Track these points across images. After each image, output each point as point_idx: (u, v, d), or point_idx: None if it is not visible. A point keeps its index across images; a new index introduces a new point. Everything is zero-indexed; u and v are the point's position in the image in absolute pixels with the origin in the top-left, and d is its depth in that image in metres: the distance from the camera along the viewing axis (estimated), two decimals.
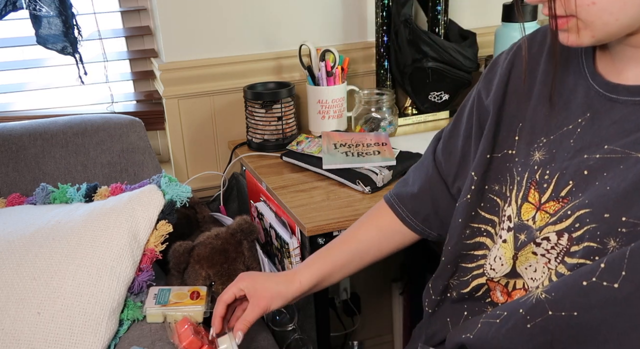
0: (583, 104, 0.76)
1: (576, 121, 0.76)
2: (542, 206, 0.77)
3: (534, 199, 0.79)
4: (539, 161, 0.79)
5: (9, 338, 1.07)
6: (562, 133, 0.78)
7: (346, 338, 1.92)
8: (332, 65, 1.53)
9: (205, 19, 1.52)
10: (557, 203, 0.76)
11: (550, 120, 0.80)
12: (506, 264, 0.82)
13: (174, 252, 1.21)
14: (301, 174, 1.38)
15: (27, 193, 1.33)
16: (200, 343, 0.96)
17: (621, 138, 0.70)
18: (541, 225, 0.77)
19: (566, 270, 0.73)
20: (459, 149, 0.94)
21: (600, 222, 0.69)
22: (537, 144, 0.80)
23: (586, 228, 0.71)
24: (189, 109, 1.57)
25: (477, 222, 0.88)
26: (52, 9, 1.29)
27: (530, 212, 0.79)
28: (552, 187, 0.76)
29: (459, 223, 0.89)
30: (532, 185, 0.79)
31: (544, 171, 0.78)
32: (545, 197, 0.77)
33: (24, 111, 1.56)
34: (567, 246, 0.73)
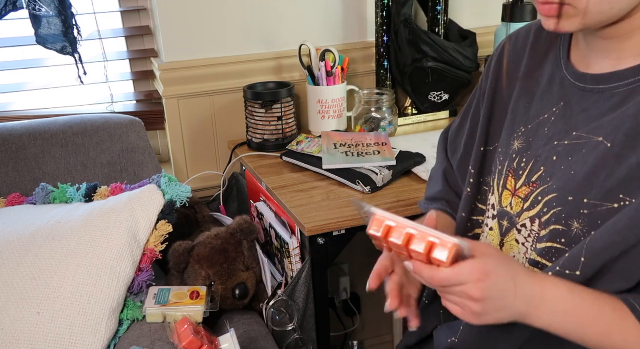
0: (558, 94, 0.79)
1: (551, 110, 0.80)
2: (516, 192, 0.81)
3: (511, 186, 0.82)
4: (517, 150, 0.82)
5: (9, 338, 1.07)
6: (538, 122, 0.81)
7: (346, 338, 1.92)
8: (332, 65, 1.53)
9: (205, 19, 1.52)
10: (527, 188, 0.79)
11: (529, 110, 0.83)
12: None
13: (174, 252, 1.21)
14: (301, 174, 1.38)
15: (27, 193, 1.33)
16: (200, 343, 0.96)
17: (587, 125, 0.74)
18: (518, 211, 0.80)
19: (536, 256, 0.77)
20: (462, 146, 0.98)
21: (565, 205, 0.73)
22: (517, 133, 0.84)
23: (552, 212, 0.74)
24: (189, 109, 1.57)
25: (475, 215, 0.92)
26: (52, 9, 1.29)
27: (508, 198, 0.82)
28: (526, 174, 0.80)
29: (462, 218, 0.92)
30: (510, 173, 0.83)
31: (521, 159, 0.81)
32: (520, 183, 0.81)
33: (24, 111, 1.56)
34: (538, 231, 0.77)
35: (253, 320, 1.22)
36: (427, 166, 1.34)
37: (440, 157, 1.06)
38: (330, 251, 1.21)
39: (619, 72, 0.71)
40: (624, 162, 0.68)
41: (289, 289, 1.22)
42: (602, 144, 0.71)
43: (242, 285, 1.22)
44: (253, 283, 1.25)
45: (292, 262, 1.24)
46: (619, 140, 0.69)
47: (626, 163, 0.68)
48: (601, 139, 0.71)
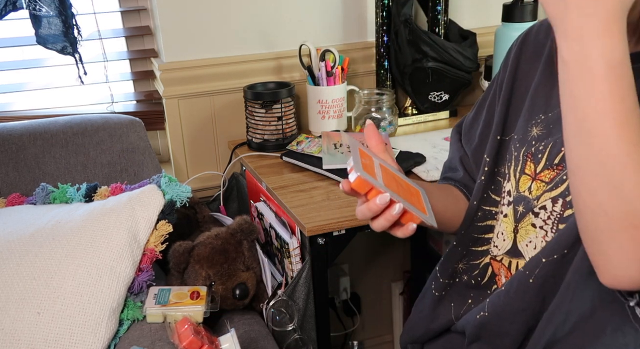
0: None
1: None
2: (537, 176, 0.80)
3: (530, 171, 0.81)
4: (537, 136, 0.81)
5: (9, 338, 1.07)
6: (560, 110, 0.78)
7: (346, 338, 1.92)
8: (332, 65, 1.53)
9: (205, 19, 1.52)
10: (552, 171, 0.78)
11: (550, 98, 0.82)
12: (508, 239, 0.84)
13: (174, 252, 1.21)
14: (301, 174, 1.38)
15: (27, 193, 1.33)
16: (200, 343, 0.96)
17: None
18: (538, 194, 0.79)
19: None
20: (477, 136, 0.97)
21: None
22: (535, 120, 0.83)
23: None
24: (189, 109, 1.57)
25: (487, 205, 0.91)
26: (52, 9, 1.29)
27: (526, 183, 0.82)
28: (545, 156, 0.79)
29: (473, 205, 0.92)
30: (528, 157, 0.82)
31: (540, 144, 0.80)
32: (540, 167, 0.80)
33: (24, 111, 1.56)
34: (560, 211, 0.75)
35: (253, 320, 1.22)
36: (427, 166, 1.34)
37: (455, 146, 1.03)
38: (330, 251, 1.21)
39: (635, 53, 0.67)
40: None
41: (289, 289, 1.22)
42: None
43: (242, 285, 1.22)
44: (253, 283, 1.25)
45: (292, 262, 1.24)
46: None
47: None
48: None
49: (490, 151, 0.91)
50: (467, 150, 1.00)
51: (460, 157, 1.01)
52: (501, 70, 0.94)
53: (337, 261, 1.81)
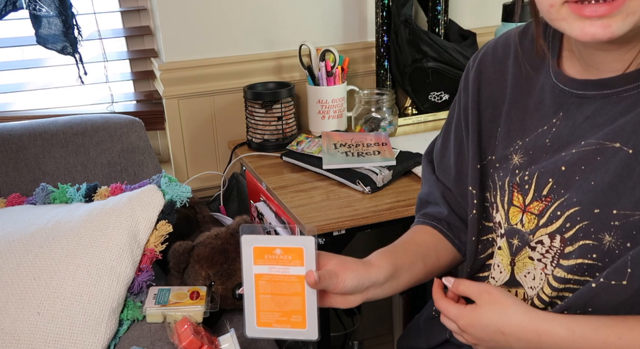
0: (554, 104, 0.76)
1: (550, 121, 0.76)
2: (527, 208, 0.77)
3: (519, 202, 0.78)
4: (519, 164, 0.79)
5: (9, 338, 1.07)
6: (537, 135, 0.78)
7: (346, 338, 1.92)
8: (332, 65, 1.53)
9: (205, 19, 1.52)
10: (540, 203, 0.76)
11: (524, 123, 0.80)
12: (505, 271, 0.82)
13: (174, 252, 1.21)
14: (301, 174, 1.38)
15: (27, 193, 1.33)
16: (200, 343, 0.96)
17: (596, 132, 0.70)
18: (532, 228, 0.77)
19: (564, 273, 0.73)
20: (452, 166, 0.92)
21: (592, 218, 0.69)
22: (514, 147, 0.80)
23: (578, 227, 0.71)
24: (189, 109, 1.57)
25: (484, 235, 0.88)
26: (52, 9, 1.29)
27: (517, 215, 0.79)
28: (533, 188, 0.76)
29: (472, 241, 0.88)
30: (514, 188, 0.79)
31: (524, 172, 0.78)
32: (528, 198, 0.77)
33: (24, 111, 1.56)
34: (560, 247, 0.73)
35: None
36: None
37: (432, 179, 0.96)
38: (330, 251, 1.21)
39: (627, 75, 0.68)
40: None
41: None
42: (621, 150, 0.67)
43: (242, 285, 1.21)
44: None
45: None
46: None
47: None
48: (618, 145, 0.67)
49: (473, 181, 0.85)
50: (447, 182, 0.94)
51: (442, 192, 0.94)
52: (461, 94, 0.90)
53: None
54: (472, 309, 0.76)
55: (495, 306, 0.74)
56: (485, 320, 0.74)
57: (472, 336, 0.76)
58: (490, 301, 0.74)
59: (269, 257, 0.79)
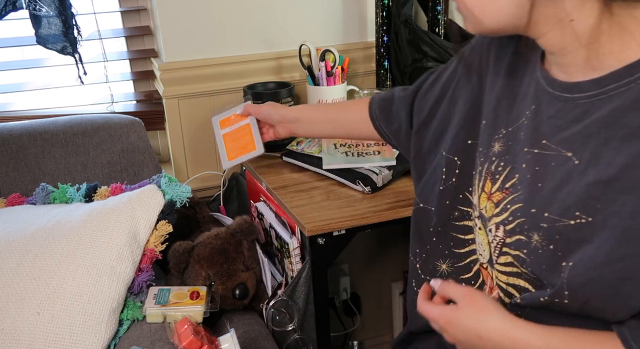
0: (532, 97, 0.78)
1: (526, 114, 0.78)
2: (491, 196, 0.80)
3: (488, 189, 0.81)
4: (497, 152, 0.81)
5: (9, 338, 1.07)
6: (518, 126, 0.80)
7: (346, 338, 1.92)
8: (332, 65, 1.53)
9: (205, 19, 1.52)
10: (501, 193, 0.79)
11: (510, 112, 0.82)
12: (486, 250, 0.85)
13: (174, 252, 1.21)
14: (301, 174, 1.38)
15: (27, 193, 1.33)
16: (200, 343, 0.96)
17: (555, 134, 0.72)
18: (489, 215, 0.80)
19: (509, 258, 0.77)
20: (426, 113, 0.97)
21: (528, 216, 0.73)
22: (498, 135, 0.82)
23: (517, 222, 0.74)
24: (189, 109, 1.57)
25: (465, 206, 0.90)
26: (52, 9, 1.29)
27: (484, 201, 0.82)
28: (502, 179, 0.79)
29: (446, 205, 0.91)
30: (488, 176, 0.82)
31: (499, 162, 0.80)
32: (495, 188, 0.80)
33: (24, 111, 1.56)
34: (503, 237, 0.77)
35: (253, 320, 1.22)
36: None
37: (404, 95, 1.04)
38: (330, 251, 1.21)
39: (580, 84, 0.70)
40: (584, 179, 0.67)
41: (289, 289, 1.22)
42: (570, 160, 0.70)
43: (242, 285, 1.22)
44: (253, 283, 1.25)
45: (292, 262, 1.24)
46: (585, 158, 0.68)
47: (585, 180, 0.67)
48: (570, 155, 0.70)
49: (461, 154, 0.89)
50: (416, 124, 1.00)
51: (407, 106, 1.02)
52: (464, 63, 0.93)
53: (337, 261, 1.81)
54: (452, 310, 0.78)
55: (474, 310, 0.76)
56: (463, 322, 0.76)
57: (451, 336, 0.77)
58: (471, 304, 0.77)
59: (228, 123, 1.28)
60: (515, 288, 0.78)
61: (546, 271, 0.71)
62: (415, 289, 0.98)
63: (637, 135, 0.63)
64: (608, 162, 0.65)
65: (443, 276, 0.94)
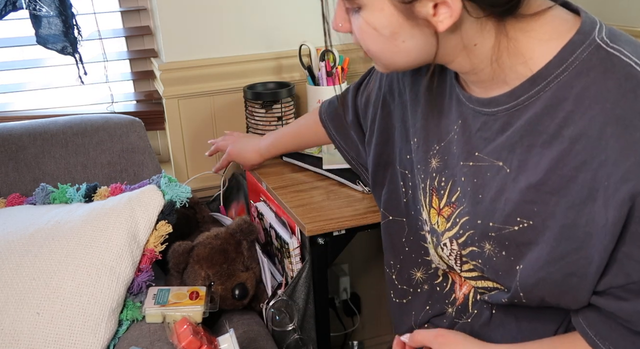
0: (456, 112, 0.80)
1: (454, 128, 0.80)
2: (440, 211, 0.82)
3: (436, 205, 0.83)
4: (436, 168, 0.83)
5: (8, 338, 1.07)
6: (448, 140, 0.82)
7: (346, 338, 1.92)
8: (332, 65, 1.53)
9: (205, 18, 1.52)
10: (449, 208, 0.81)
11: (439, 127, 0.83)
12: (441, 261, 0.88)
13: (174, 252, 1.21)
14: (301, 174, 1.38)
15: (27, 193, 1.33)
16: (199, 343, 0.96)
17: (485, 146, 0.75)
18: (442, 230, 0.82)
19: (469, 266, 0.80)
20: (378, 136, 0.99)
21: (476, 228, 0.75)
22: (432, 151, 0.84)
23: (467, 234, 0.77)
24: (189, 109, 1.57)
25: (422, 216, 0.92)
26: (52, 9, 1.29)
27: (435, 217, 0.84)
28: (446, 193, 0.81)
29: (412, 215, 0.93)
30: (433, 191, 0.84)
31: (440, 177, 0.82)
32: (442, 203, 0.82)
33: (24, 111, 1.56)
34: (458, 250, 0.79)
35: (253, 320, 1.22)
36: None
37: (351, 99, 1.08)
38: (330, 251, 1.21)
39: (496, 98, 0.72)
40: (517, 185, 0.70)
41: (289, 289, 1.22)
42: (502, 169, 0.72)
43: (241, 285, 1.22)
44: (253, 283, 1.25)
45: (292, 262, 1.24)
46: (514, 165, 0.71)
47: (518, 186, 0.69)
48: (501, 164, 0.72)
49: (407, 167, 0.92)
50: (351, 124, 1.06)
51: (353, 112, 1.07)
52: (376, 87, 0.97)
53: (337, 261, 1.81)
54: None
55: (450, 347, 0.81)
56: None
57: None
58: (445, 343, 0.82)
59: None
60: (486, 288, 0.80)
61: (503, 276, 0.73)
62: (394, 300, 1.01)
63: (554, 140, 0.66)
64: (534, 167, 0.68)
65: (419, 284, 0.96)
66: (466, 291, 0.87)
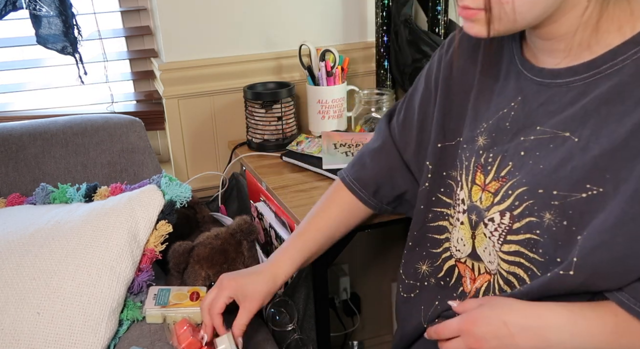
0: (515, 88, 0.81)
1: (509, 105, 0.81)
2: (486, 187, 0.82)
3: (480, 181, 0.83)
4: (482, 146, 0.84)
5: (8, 338, 1.07)
6: (498, 117, 0.83)
7: (346, 338, 1.92)
8: (332, 65, 1.53)
9: (205, 18, 1.52)
10: (497, 182, 0.80)
11: (489, 106, 0.85)
12: (467, 244, 0.87)
13: (174, 252, 1.21)
14: (301, 174, 1.38)
15: (27, 193, 1.33)
16: (199, 344, 0.96)
17: (549, 119, 0.76)
18: (487, 205, 0.82)
19: (515, 246, 0.78)
20: (414, 141, 0.98)
21: (536, 198, 0.75)
22: (479, 129, 0.85)
23: (525, 205, 0.76)
24: (189, 109, 1.57)
25: (439, 207, 0.93)
26: (52, 9, 1.29)
27: (478, 193, 0.84)
28: (494, 169, 0.81)
29: (421, 209, 0.95)
30: (478, 168, 0.84)
31: (488, 154, 0.83)
32: (489, 178, 0.82)
33: (24, 111, 1.56)
34: (509, 224, 0.78)
35: (253, 320, 1.22)
36: None
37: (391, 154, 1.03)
38: (330, 251, 1.21)
39: (574, 67, 0.73)
40: (588, 153, 0.70)
41: (289, 289, 1.22)
42: (569, 139, 0.73)
43: None
44: None
45: None
46: (585, 134, 0.71)
47: (590, 154, 0.70)
48: (568, 134, 0.73)
49: (432, 158, 0.92)
50: (405, 154, 1.01)
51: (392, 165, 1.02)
52: (433, 70, 0.95)
53: (337, 261, 1.81)
54: (473, 308, 0.79)
55: (495, 301, 0.78)
56: (486, 312, 0.76)
57: (476, 335, 0.76)
58: (490, 300, 0.79)
59: None
60: (515, 276, 0.80)
61: (562, 247, 0.72)
62: (402, 295, 1.00)
63: (638, 105, 0.67)
64: (610, 134, 0.68)
65: (425, 277, 0.96)
66: (479, 285, 0.86)
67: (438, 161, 0.92)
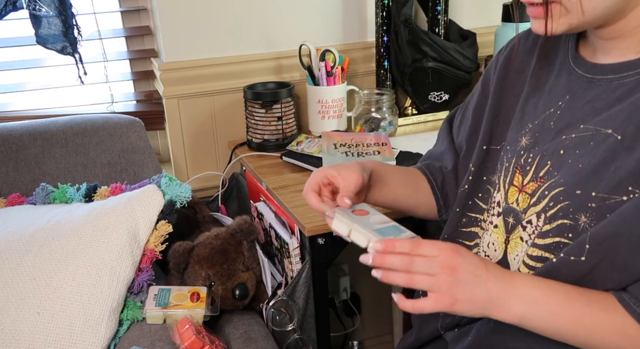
0: (565, 87, 0.80)
1: (557, 104, 0.80)
2: (523, 188, 0.80)
3: (518, 182, 0.82)
4: (525, 146, 0.82)
5: (9, 338, 1.07)
6: (544, 117, 0.81)
7: (346, 338, 1.92)
8: (332, 65, 1.53)
9: (205, 18, 1.52)
10: (535, 183, 0.79)
11: (537, 107, 0.83)
12: (499, 249, 0.85)
13: (174, 252, 1.21)
14: (301, 174, 1.38)
15: (27, 193, 1.33)
16: (201, 343, 0.96)
17: (594, 116, 0.73)
18: (524, 207, 0.79)
19: (540, 251, 0.76)
20: (464, 142, 0.97)
21: (573, 198, 0.72)
22: (525, 130, 0.84)
23: (560, 206, 0.74)
24: (189, 109, 1.57)
25: (473, 212, 0.91)
26: (52, 9, 1.29)
27: (514, 195, 0.82)
28: (533, 169, 0.79)
29: (456, 212, 0.93)
30: (517, 169, 0.82)
31: (528, 154, 0.81)
32: (527, 179, 0.80)
33: (24, 111, 1.56)
34: (541, 226, 0.76)
35: (253, 320, 1.22)
36: None
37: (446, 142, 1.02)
38: (330, 251, 1.21)
39: (629, 62, 0.72)
40: (633, 154, 0.67)
41: (289, 289, 1.22)
42: (611, 136, 0.70)
43: (242, 285, 1.22)
44: (253, 283, 1.25)
45: (292, 262, 1.24)
46: (630, 132, 0.68)
47: (635, 155, 0.67)
48: (610, 131, 0.70)
49: (476, 160, 0.91)
50: (460, 160, 1.00)
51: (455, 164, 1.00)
52: (490, 75, 0.94)
53: (337, 261, 1.81)
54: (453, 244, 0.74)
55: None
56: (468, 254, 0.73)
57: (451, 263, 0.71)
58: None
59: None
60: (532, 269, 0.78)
61: (589, 250, 0.70)
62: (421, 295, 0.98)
63: None
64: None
65: None
66: None
67: (481, 164, 0.90)
